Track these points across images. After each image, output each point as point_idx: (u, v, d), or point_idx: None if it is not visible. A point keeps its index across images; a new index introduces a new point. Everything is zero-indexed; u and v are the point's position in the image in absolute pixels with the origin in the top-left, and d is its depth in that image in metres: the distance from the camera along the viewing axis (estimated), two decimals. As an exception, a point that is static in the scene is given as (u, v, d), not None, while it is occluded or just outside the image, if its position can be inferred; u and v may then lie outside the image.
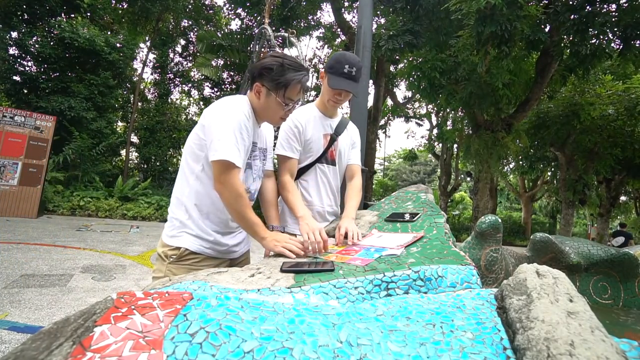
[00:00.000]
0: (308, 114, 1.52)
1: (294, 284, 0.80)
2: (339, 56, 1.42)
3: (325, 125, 1.55)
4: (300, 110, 1.53)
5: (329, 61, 1.45)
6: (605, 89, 9.90)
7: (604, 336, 0.51)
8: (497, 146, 8.78)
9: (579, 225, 28.16)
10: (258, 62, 1.19)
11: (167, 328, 0.53)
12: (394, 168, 35.22)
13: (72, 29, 9.85)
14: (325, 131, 1.55)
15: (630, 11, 6.44)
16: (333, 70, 1.40)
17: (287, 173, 1.45)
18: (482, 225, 1.33)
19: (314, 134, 1.51)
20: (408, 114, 18.93)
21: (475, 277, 0.90)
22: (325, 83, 1.46)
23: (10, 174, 7.32)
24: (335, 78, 1.39)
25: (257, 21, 13.25)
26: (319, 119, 1.54)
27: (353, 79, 1.40)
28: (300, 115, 1.50)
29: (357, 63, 1.40)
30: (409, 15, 8.18)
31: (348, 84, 1.40)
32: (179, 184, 1.21)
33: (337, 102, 1.49)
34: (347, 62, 1.39)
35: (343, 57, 1.41)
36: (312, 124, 1.51)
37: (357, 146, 1.69)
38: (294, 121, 1.48)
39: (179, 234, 1.17)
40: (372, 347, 0.56)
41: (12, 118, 7.46)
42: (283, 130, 1.48)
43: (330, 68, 1.41)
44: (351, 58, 1.40)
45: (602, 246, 1.42)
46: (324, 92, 1.51)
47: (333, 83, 1.40)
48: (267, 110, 1.20)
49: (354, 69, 1.39)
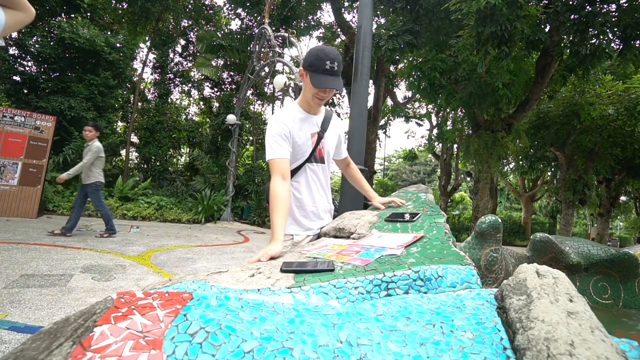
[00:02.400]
0: (292, 115, 1.48)
1: (294, 284, 0.80)
2: (318, 52, 1.36)
3: (312, 124, 1.51)
4: (284, 112, 1.49)
5: (307, 58, 1.38)
6: (605, 89, 9.90)
7: (604, 336, 0.51)
8: (497, 146, 8.78)
9: (579, 225, 28.16)
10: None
11: (167, 328, 0.53)
12: (394, 168, 35.23)
13: (72, 29, 9.85)
14: (312, 130, 1.51)
15: (630, 11, 6.44)
16: (314, 68, 1.35)
17: (276, 175, 1.36)
18: (482, 225, 1.33)
19: (301, 136, 1.47)
20: (408, 114, 18.95)
21: (475, 277, 0.90)
22: (307, 81, 1.41)
23: (10, 174, 7.32)
24: (317, 76, 1.35)
25: (257, 21, 13.25)
26: (305, 119, 1.50)
27: (335, 74, 1.36)
28: (285, 118, 1.45)
29: (337, 57, 1.36)
30: (409, 15, 8.18)
31: (333, 81, 1.35)
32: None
33: (321, 100, 1.45)
34: (327, 57, 1.33)
35: (323, 53, 1.34)
36: (299, 125, 1.47)
37: (342, 139, 1.70)
38: (280, 124, 1.43)
39: None
40: (372, 347, 0.56)
41: (12, 118, 7.46)
42: (270, 130, 1.43)
43: (310, 66, 1.36)
44: (331, 53, 1.35)
45: (602, 246, 1.42)
46: (306, 90, 1.45)
47: (317, 82, 1.35)
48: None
49: (335, 64, 1.34)
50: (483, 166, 9.16)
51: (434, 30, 8.33)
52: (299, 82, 7.06)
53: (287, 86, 7.66)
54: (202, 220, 9.93)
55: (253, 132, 14.60)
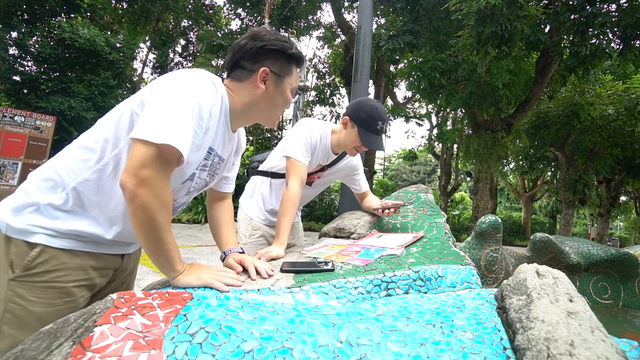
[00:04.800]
0: (324, 142, 1.49)
1: (294, 284, 0.80)
2: (371, 111, 1.37)
3: (328, 157, 1.54)
4: (322, 131, 1.48)
5: (358, 112, 1.39)
6: (605, 89, 9.90)
7: (604, 336, 0.51)
8: (497, 146, 8.78)
9: (579, 225, 28.15)
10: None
11: (167, 328, 0.53)
12: (394, 168, 35.22)
13: (72, 29, 9.85)
14: (323, 162, 1.54)
15: (630, 11, 6.44)
16: (365, 125, 1.37)
17: (297, 179, 1.35)
18: (482, 225, 1.33)
19: (312, 162, 1.48)
20: (408, 114, 18.95)
21: (475, 277, 0.90)
22: (352, 132, 1.40)
23: (10, 174, 7.32)
24: (367, 134, 1.37)
25: (257, 21, 13.25)
26: (328, 150, 1.51)
27: (382, 133, 1.41)
28: (320, 137, 1.46)
29: (386, 117, 1.41)
30: (409, 15, 8.18)
31: (380, 141, 1.40)
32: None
33: (359, 152, 1.49)
34: (380, 118, 1.37)
35: (377, 113, 1.37)
36: (319, 153, 1.49)
37: (360, 171, 1.70)
38: (316, 136, 1.44)
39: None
40: (372, 347, 0.56)
41: (12, 118, 7.46)
42: (304, 134, 1.42)
43: (362, 122, 1.37)
44: (383, 114, 1.39)
45: (602, 246, 1.42)
46: (348, 139, 1.43)
47: (367, 141, 1.38)
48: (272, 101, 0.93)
49: (385, 125, 1.40)
50: (483, 166, 9.15)
51: (434, 30, 8.33)
52: (299, 82, 7.05)
53: (287, 86, 7.68)
54: (202, 220, 9.94)
55: (253, 132, 14.60)
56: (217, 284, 0.74)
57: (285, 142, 1.46)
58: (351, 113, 1.41)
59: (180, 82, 0.76)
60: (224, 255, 1.00)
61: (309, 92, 15.05)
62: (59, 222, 0.78)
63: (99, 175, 0.79)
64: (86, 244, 0.81)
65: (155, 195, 0.69)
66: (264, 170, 1.59)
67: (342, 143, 1.46)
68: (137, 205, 0.68)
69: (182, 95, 0.74)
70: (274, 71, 0.90)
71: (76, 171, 0.79)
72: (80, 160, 0.80)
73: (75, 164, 0.80)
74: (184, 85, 0.76)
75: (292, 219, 1.30)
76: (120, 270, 0.95)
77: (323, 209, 13.29)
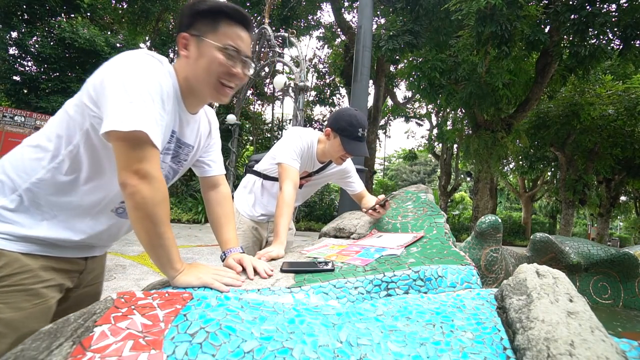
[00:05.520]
0: (310, 152, 1.53)
1: (294, 284, 0.80)
2: (351, 119, 1.41)
3: (314, 165, 1.59)
4: (309, 141, 1.52)
5: (337, 121, 1.44)
6: (605, 89, 9.90)
7: (604, 336, 0.51)
8: (497, 146, 8.78)
9: (579, 225, 28.16)
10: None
11: (167, 328, 0.53)
12: (394, 168, 35.23)
13: (72, 29, 9.86)
14: (309, 169, 1.59)
15: (630, 11, 6.44)
16: (347, 134, 1.41)
17: (290, 182, 1.38)
18: (482, 225, 1.33)
19: (301, 167, 1.52)
20: (408, 114, 18.95)
21: (475, 277, 0.90)
22: (335, 142, 1.45)
23: (10, 174, 7.33)
24: (349, 142, 1.41)
25: (257, 21, 13.24)
26: (313, 159, 1.56)
27: (364, 139, 1.45)
28: (307, 146, 1.51)
29: (366, 124, 1.46)
30: (409, 15, 8.18)
31: (363, 147, 1.44)
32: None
33: (344, 160, 1.53)
34: (359, 125, 1.41)
35: (356, 121, 1.41)
36: (308, 160, 1.54)
37: (351, 174, 1.73)
38: (305, 146, 1.49)
39: None
40: (372, 347, 0.56)
41: (12, 118, 7.47)
42: (293, 142, 1.46)
43: (343, 131, 1.41)
44: (363, 120, 1.43)
45: (602, 246, 1.42)
46: (332, 149, 1.48)
47: (350, 149, 1.42)
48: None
49: (366, 131, 1.44)
50: (483, 166, 9.16)
51: (434, 30, 8.33)
52: (299, 82, 7.05)
53: (287, 86, 7.67)
54: (202, 220, 9.94)
55: (253, 132, 14.60)
56: (217, 284, 0.74)
57: (275, 152, 1.51)
58: (332, 124, 1.46)
59: (130, 65, 0.72)
60: (224, 255, 1.00)
61: (309, 92, 15.04)
62: (15, 226, 0.74)
63: (54, 174, 0.76)
64: (44, 247, 0.78)
65: (156, 188, 0.68)
66: (258, 171, 1.65)
67: (327, 153, 1.52)
68: (138, 200, 0.67)
69: (138, 78, 0.70)
70: (193, 33, 0.80)
71: (28, 171, 0.76)
72: (33, 159, 0.76)
73: (28, 164, 0.76)
74: (136, 67, 0.72)
75: (289, 219, 1.33)
76: (85, 273, 0.91)
77: (323, 209, 13.30)
